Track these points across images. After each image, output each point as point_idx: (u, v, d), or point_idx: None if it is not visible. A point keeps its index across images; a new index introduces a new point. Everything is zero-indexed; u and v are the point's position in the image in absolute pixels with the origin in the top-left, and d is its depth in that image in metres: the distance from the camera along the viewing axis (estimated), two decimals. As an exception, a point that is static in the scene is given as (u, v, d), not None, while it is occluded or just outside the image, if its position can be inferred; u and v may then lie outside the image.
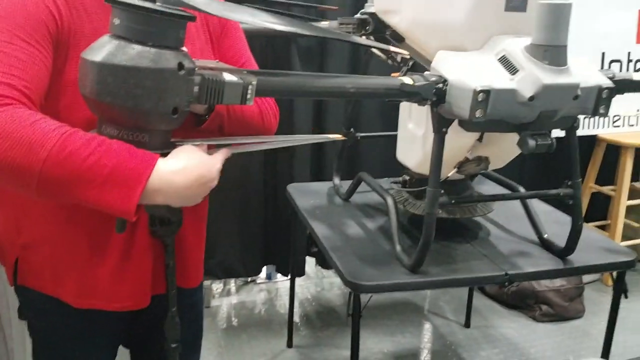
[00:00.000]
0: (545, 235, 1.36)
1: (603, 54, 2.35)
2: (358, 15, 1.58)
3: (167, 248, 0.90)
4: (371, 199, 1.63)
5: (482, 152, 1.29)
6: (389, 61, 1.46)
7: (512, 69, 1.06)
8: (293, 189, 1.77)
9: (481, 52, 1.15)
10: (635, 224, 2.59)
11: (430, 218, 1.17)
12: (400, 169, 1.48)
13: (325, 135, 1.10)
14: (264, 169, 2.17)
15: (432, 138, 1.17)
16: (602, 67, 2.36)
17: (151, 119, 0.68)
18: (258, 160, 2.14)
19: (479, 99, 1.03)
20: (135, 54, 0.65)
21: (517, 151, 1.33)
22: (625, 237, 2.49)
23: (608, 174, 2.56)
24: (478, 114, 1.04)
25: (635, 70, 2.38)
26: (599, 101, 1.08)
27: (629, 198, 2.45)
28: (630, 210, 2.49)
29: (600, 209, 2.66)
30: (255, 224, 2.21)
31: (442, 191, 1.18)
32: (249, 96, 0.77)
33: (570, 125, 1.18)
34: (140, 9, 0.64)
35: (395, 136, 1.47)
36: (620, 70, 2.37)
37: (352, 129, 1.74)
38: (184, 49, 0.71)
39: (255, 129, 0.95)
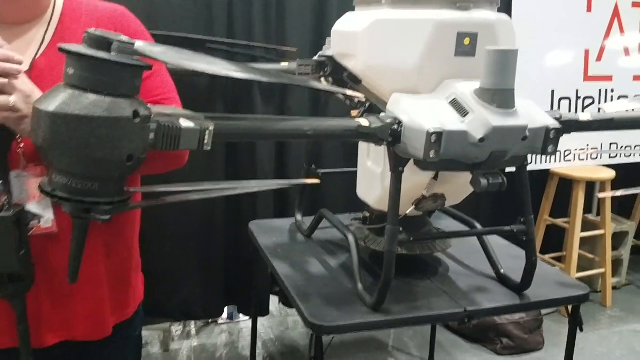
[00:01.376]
0: (502, 271, 1.39)
1: (553, 91, 2.46)
2: (316, 58, 1.62)
3: (16, 311, 0.88)
4: (333, 235, 1.64)
5: (438, 189, 1.33)
6: (347, 101, 1.50)
7: (462, 111, 1.11)
8: (255, 226, 1.76)
9: (433, 95, 1.20)
10: (590, 255, 2.68)
11: (390, 256, 1.19)
12: (362, 205, 1.50)
13: (300, 180, 1.11)
14: (226, 206, 2.16)
15: (390, 176, 1.20)
16: (552, 105, 2.47)
17: (104, 167, 0.68)
18: (220, 198, 2.13)
19: (432, 140, 1.07)
20: (90, 103, 0.65)
21: (471, 188, 1.37)
22: (580, 268, 2.57)
23: (562, 207, 2.65)
24: (432, 154, 1.08)
25: (584, 107, 2.50)
26: (547, 141, 1.13)
27: (583, 230, 2.53)
28: (584, 241, 2.57)
29: (555, 241, 2.75)
30: (216, 263, 2.19)
31: (401, 229, 1.20)
32: (206, 141, 0.78)
33: (521, 164, 1.22)
34: (94, 59, 0.65)
35: (355, 172, 1.50)
36: (570, 108, 2.49)
37: (313, 165, 1.77)
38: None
39: (167, 156, 0.95)
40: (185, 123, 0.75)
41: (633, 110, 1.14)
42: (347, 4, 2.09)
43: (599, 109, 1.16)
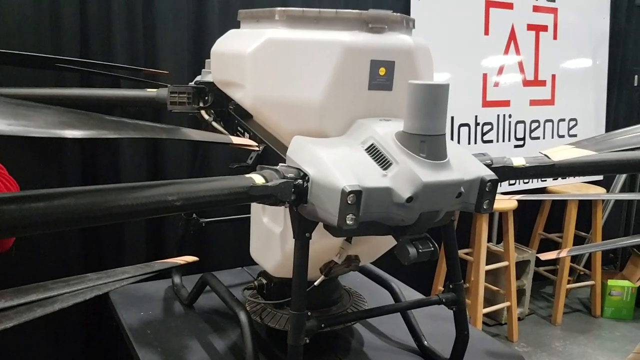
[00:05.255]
0: (426, 343, 1.16)
1: (452, 117, 2.33)
2: (193, 84, 1.30)
3: None
4: (221, 301, 1.32)
5: (351, 251, 1.07)
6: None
7: (383, 162, 0.86)
8: (117, 295, 1.39)
9: (345, 139, 0.94)
10: (494, 287, 2.58)
11: (296, 351, 0.90)
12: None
13: (172, 260, 0.79)
14: (84, 257, 1.74)
15: (293, 239, 0.92)
16: (452, 132, 2.34)
17: None
18: (75, 244, 1.71)
19: (349, 202, 0.80)
20: None
21: (389, 245, 1.13)
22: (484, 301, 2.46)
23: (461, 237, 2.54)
24: (349, 220, 0.81)
25: (483, 134, 2.40)
26: (482, 196, 0.91)
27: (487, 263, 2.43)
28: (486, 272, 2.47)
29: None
30: (72, 348, 1.75)
31: (309, 312, 0.93)
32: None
33: (449, 221, 1.00)
34: None
35: (248, 219, 1.20)
36: (469, 134, 2.37)
37: (194, 215, 1.45)
38: None
39: None
40: None
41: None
42: (234, 17, 1.80)
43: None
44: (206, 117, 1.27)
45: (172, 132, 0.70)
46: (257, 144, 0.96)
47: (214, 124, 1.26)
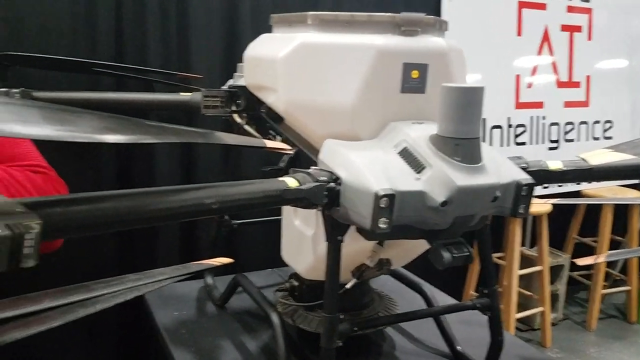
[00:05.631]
0: (459, 348, 1.15)
1: (484, 119, 2.31)
2: (226, 88, 1.32)
3: None
4: (252, 302, 1.33)
5: (383, 254, 1.07)
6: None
7: (417, 165, 0.85)
8: (152, 295, 1.42)
9: (377, 143, 0.94)
10: (527, 292, 2.54)
11: (329, 354, 0.90)
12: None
13: (208, 261, 0.80)
14: (119, 257, 1.78)
15: (325, 241, 0.92)
16: (484, 134, 2.31)
17: None
18: (109, 245, 1.75)
19: (382, 205, 0.80)
20: None
21: (422, 249, 1.13)
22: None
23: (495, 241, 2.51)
24: (382, 223, 0.81)
25: (516, 136, 2.37)
26: (517, 200, 0.90)
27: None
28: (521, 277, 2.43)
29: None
30: (107, 349, 1.78)
31: (342, 316, 0.93)
32: (26, 251, 0.46)
33: (483, 225, 0.99)
34: None
35: (278, 221, 1.21)
36: (502, 137, 2.34)
37: (226, 216, 1.46)
38: None
39: None
40: (-17, 228, 0.43)
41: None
42: (265, 22, 1.81)
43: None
44: (238, 120, 1.29)
45: (208, 137, 0.71)
46: (290, 147, 0.97)
47: (246, 127, 1.27)
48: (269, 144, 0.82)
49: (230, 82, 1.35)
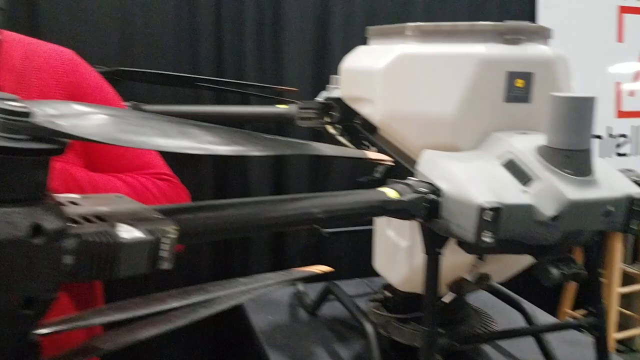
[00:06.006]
0: (562, 369, 1.10)
1: (581, 129, 2.19)
2: (320, 100, 1.35)
3: None
4: (343, 310, 1.35)
5: (483, 269, 1.04)
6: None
7: (523, 177, 0.83)
8: (248, 300, 1.46)
9: (479, 153, 0.92)
10: (627, 312, 2.38)
11: (426, 369, 0.89)
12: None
13: (310, 269, 0.82)
14: (214, 262, 1.85)
15: (421, 253, 0.92)
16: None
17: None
18: (206, 253, 1.83)
19: (487, 219, 0.79)
20: (-53, 220, 0.37)
21: (523, 264, 1.09)
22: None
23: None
24: (486, 237, 0.79)
25: (617, 147, 2.24)
26: (629, 215, 0.85)
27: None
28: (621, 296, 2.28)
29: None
30: (202, 347, 1.86)
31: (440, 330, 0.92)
32: (163, 255, 0.50)
33: (592, 242, 0.94)
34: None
35: (370, 231, 1.22)
36: (602, 146, 2.22)
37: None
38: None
39: None
40: (127, 233, 0.46)
41: None
42: (354, 35, 1.83)
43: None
44: (332, 131, 1.31)
45: (311, 149, 0.72)
46: (390, 158, 0.97)
47: (340, 138, 1.29)
48: (370, 155, 0.83)
49: (324, 93, 1.38)
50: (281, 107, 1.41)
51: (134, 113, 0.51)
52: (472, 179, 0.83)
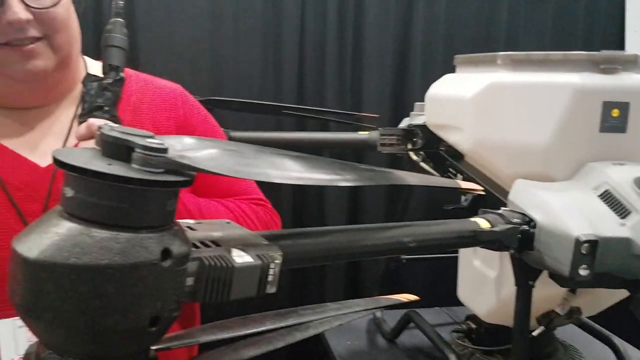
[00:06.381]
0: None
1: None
2: (403, 126, 1.36)
3: None
4: (422, 338, 1.33)
5: (573, 302, 1.01)
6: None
7: (621, 210, 0.80)
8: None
9: (574, 184, 0.90)
10: None
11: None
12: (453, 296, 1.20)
13: (396, 297, 0.83)
14: (290, 298, 1.88)
15: (510, 284, 0.90)
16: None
17: (114, 340, 0.43)
18: (284, 287, 1.86)
19: (584, 251, 0.76)
20: (94, 244, 0.42)
21: (616, 298, 1.04)
22: None
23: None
24: (582, 270, 0.77)
25: None
26: None
27: None
28: None
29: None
30: None
31: (530, 364, 0.89)
32: (270, 279, 0.52)
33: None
34: (101, 176, 0.41)
35: (449, 259, 1.21)
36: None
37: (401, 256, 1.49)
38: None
39: None
40: (240, 258, 0.49)
41: None
42: (434, 62, 1.84)
43: None
44: (415, 158, 1.32)
45: (400, 179, 0.73)
46: (482, 188, 0.97)
47: (423, 164, 1.29)
48: (464, 184, 0.83)
49: (407, 120, 1.39)
50: (363, 134, 1.43)
51: (247, 147, 0.54)
52: (567, 210, 0.81)
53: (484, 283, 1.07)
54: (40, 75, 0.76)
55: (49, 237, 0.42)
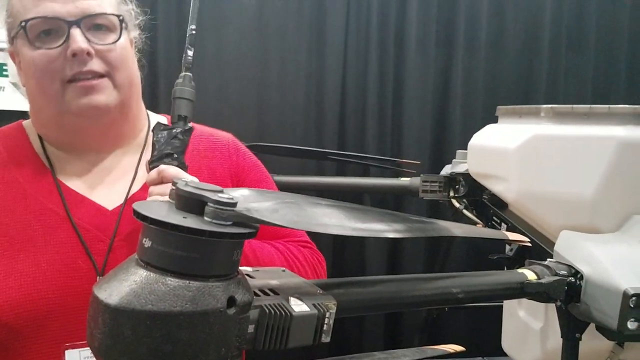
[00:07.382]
0: None
1: None
2: (445, 173, 1.38)
3: None
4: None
5: (621, 355, 0.98)
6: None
7: (672, 263, 0.79)
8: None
9: (620, 236, 0.90)
10: None
11: None
12: (499, 352, 1.18)
13: (442, 347, 0.84)
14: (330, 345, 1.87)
15: (556, 336, 0.89)
16: None
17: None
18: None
19: (632, 305, 0.76)
20: (169, 292, 0.45)
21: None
22: None
23: None
24: (630, 324, 0.76)
25: None
26: None
27: None
28: None
29: None
30: None
31: (579, 420, 0.87)
32: (325, 328, 0.54)
33: None
34: (179, 229, 0.45)
35: (487, 308, 1.20)
36: None
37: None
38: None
39: None
40: (298, 306, 0.52)
41: None
42: (474, 111, 1.86)
43: None
44: (457, 205, 1.33)
45: (445, 230, 0.74)
46: (529, 240, 0.97)
47: (465, 212, 1.30)
48: (511, 236, 0.84)
49: (448, 167, 1.41)
50: (404, 180, 1.46)
51: (304, 198, 0.57)
52: (615, 263, 0.81)
53: (528, 334, 1.06)
54: (103, 110, 0.80)
55: (128, 285, 0.45)
